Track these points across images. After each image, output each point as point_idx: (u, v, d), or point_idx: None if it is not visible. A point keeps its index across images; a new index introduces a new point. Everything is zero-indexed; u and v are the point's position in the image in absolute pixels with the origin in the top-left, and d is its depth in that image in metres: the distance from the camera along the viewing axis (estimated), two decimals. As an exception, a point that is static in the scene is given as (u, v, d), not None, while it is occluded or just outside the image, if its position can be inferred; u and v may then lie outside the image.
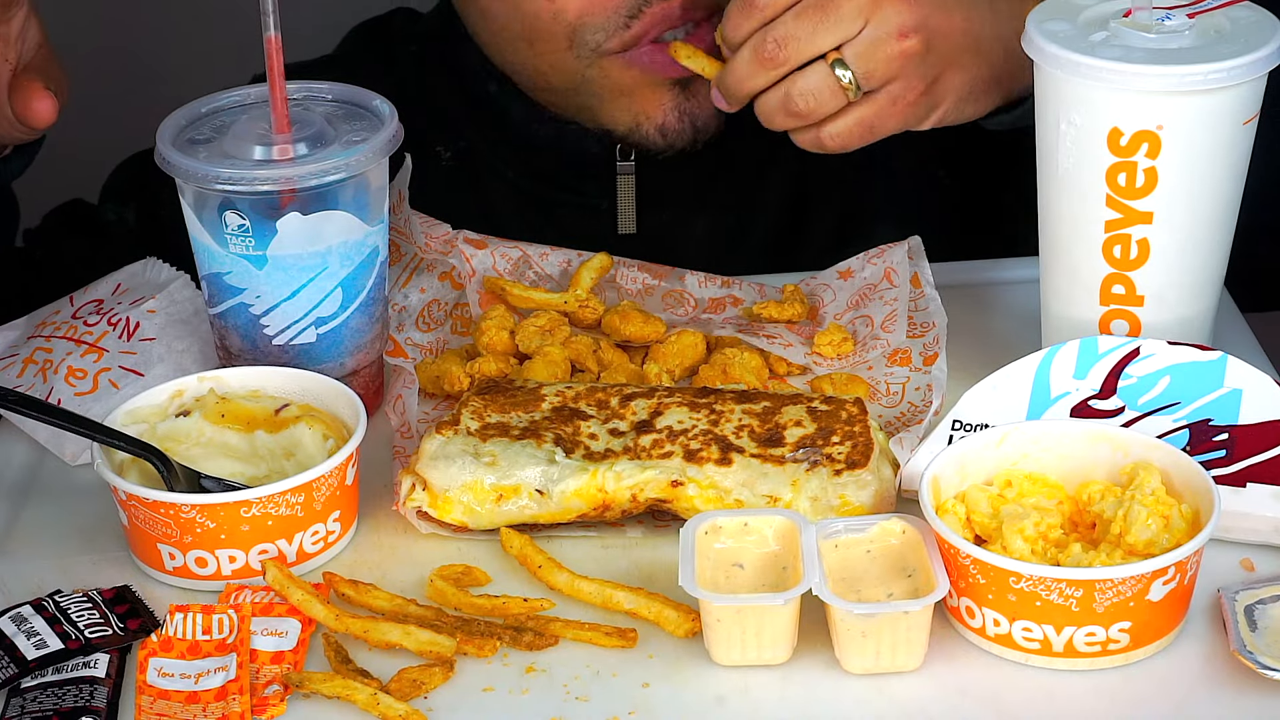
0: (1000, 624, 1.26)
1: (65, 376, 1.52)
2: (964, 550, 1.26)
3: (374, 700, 1.25)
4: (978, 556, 1.25)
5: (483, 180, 1.85)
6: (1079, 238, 1.45)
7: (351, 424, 1.40)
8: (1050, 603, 1.24)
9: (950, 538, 1.27)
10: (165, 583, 1.37)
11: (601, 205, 1.83)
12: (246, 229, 1.44)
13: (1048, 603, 1.24)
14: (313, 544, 1.37)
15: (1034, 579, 1.24)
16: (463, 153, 1.85)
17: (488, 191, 1.85)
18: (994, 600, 1.26)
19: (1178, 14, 1.41)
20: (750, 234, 1.85)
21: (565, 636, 1.31)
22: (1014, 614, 1.25)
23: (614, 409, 1.43)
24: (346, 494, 1.39)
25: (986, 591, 1.26)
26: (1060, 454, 1.35)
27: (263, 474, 1.42)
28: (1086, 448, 1.35)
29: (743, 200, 1.84)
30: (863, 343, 1.57)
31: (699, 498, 1.37)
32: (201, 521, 1.34)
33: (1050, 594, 1.24)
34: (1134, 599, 1.24)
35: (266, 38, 1.43)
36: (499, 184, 1.85)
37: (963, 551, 1.26)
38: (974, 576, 1.26)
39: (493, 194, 1.85)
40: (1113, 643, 1.25)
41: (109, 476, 1.36)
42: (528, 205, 1.85)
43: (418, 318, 1.62)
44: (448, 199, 1.75)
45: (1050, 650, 1.26)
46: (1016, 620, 1.25)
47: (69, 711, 1.25)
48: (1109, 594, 1.23)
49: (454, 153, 1.85)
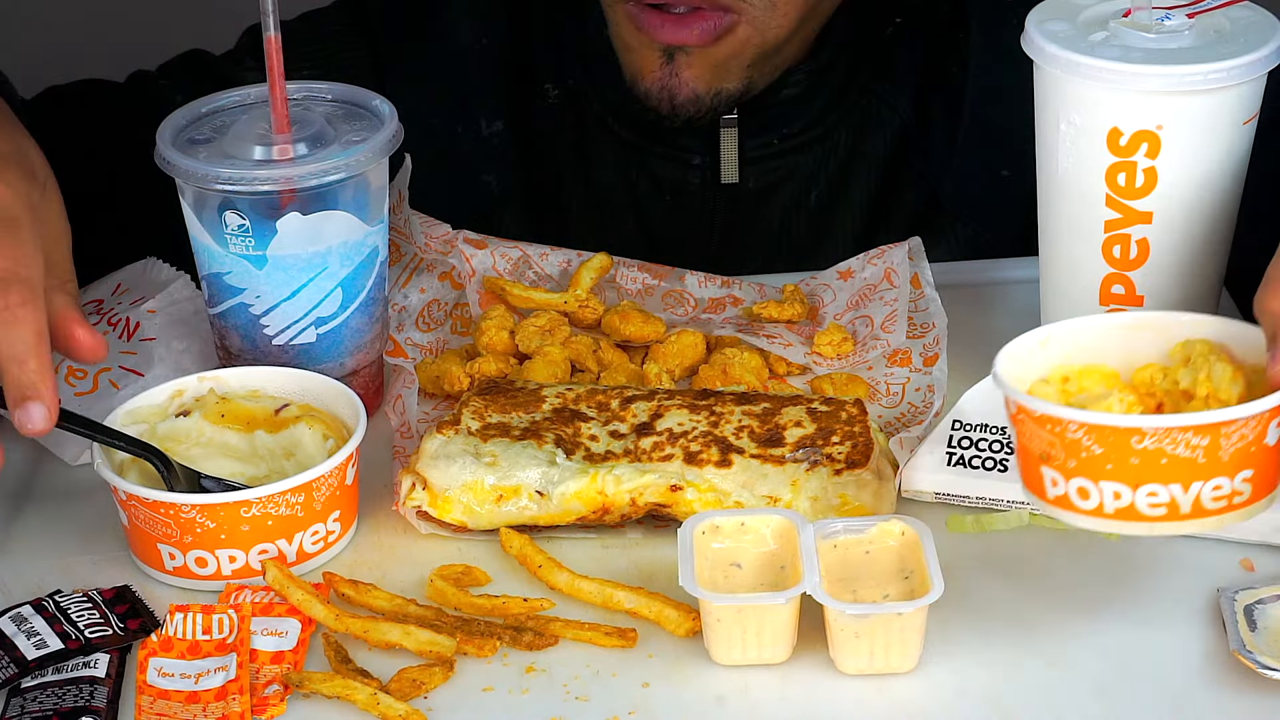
0: (1121, 495, 1.19)
1: (66, 377, 1.52)
2: (1078, 419, 1.18)
3: (374, 700, 1.25)
4: (1095, 422, 1.18)
5: (585, 122, 1.86)
6: (1079, 238, 1.45)
7: (351, 424, 1.40)
8: (1176, 458, 1.18)
9: (1060, 411, 1.19)
10: (165, 583, 1.37)
11: (693, 160, 1.83)
12: (246, 229, 1.44)
13: (1173, 458, 1.17)
14: (313, 544, 1.37)
15: (1159, 432, 1.17)
16: (570, 93, 1.86)
17: (587, 133, 1.86)
18: (1114, 470, 1.19)
19: (1177, 14, 1.41)
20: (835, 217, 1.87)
21: (565, 636, 1.31)
22: (1137, 480, 1.19)
23: (614, 411, 1.43)
24: (347, 494, 1.39)
25: (1105, 462, 1.18)
26: (1105, 347, 1.29)
27: (263, 474, 1.42)
28: (1129, 337, 1.29)
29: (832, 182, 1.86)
30: (863, 343, 1.57)
31: (698, 502, 1.37)
32: (202, 521, 1.34)
33: (1176, 447, 1.17)
34: (1254, 443, 1.18)
35: (266, 38, 1.43)
36: (600, 129, 1.85)
37: (1076, 421, 1.18)
38: (1089, 449, 1.19)
39: (591, 137, 1.86)
40: (1237, 494, 1.20)
41: (109, 476, 1.36)
42: (623, 150, 1.85)
43: (418, 318, 1.62)
44: (550, 138, 1.80)
45: (1178, 513, 1.19)
46: (1140, 486, 1.19)
47: (69, 711, 1.25)
48: (1234, 438, 1.18)
49: (561, 91, 1.86)
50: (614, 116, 1.84)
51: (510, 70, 1.86)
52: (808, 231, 1.85)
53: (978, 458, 1.40)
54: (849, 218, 1.85)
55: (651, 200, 1.85)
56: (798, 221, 1.85)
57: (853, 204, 1.84)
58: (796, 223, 1.85)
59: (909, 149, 1.83)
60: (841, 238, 1.84)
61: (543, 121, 1.85)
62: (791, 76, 1.79)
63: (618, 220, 1.86)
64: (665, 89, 1.74)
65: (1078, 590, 1.34)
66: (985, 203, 1.81)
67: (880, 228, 1.84)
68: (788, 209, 1.85)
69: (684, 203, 1.84)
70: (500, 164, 1.86)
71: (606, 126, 1.85)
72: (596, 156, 1.85)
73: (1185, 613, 1.31)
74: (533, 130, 1.85)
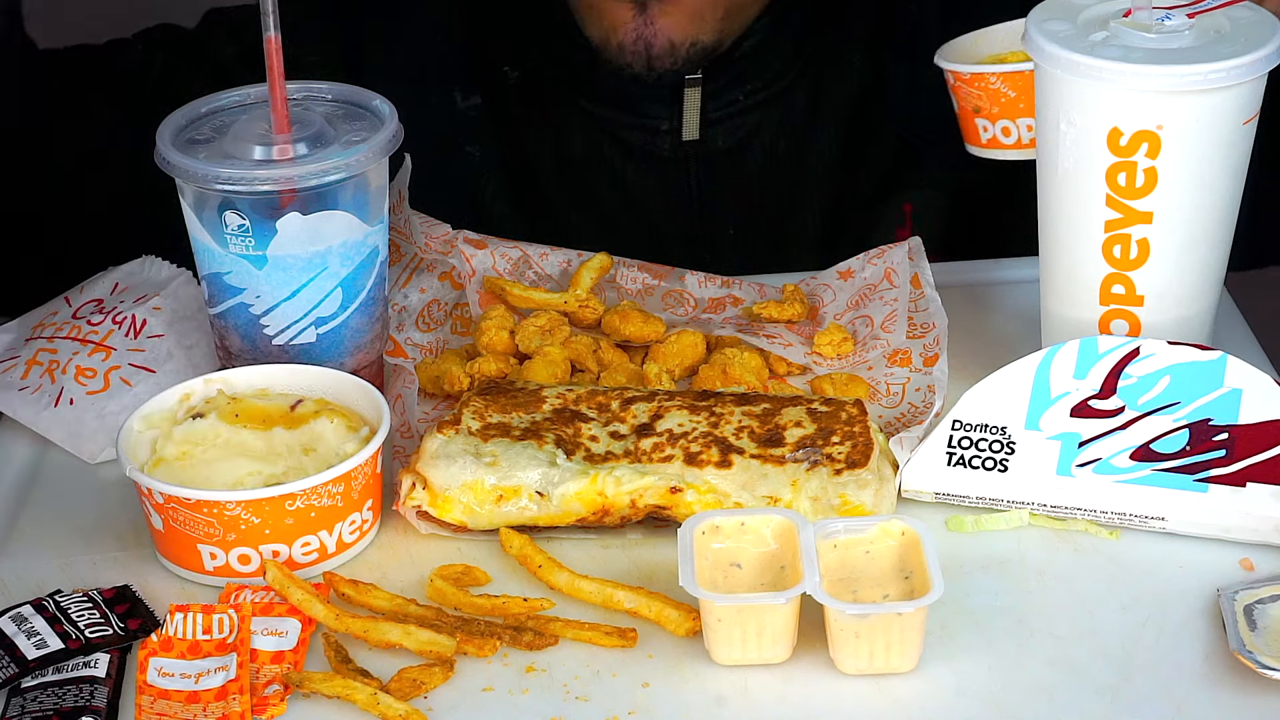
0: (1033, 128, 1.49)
1: (75, 376, 1.52)
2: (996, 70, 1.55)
3: (374, 700, 1.25)
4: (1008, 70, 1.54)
5: (549, 101, 1.86)
6: (1079, 238, 1.45)
7: (368, 414, 1.41)
8: None
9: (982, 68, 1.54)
10: (202, 583, 1.37)
11: (661, 125, 1.84)
12: (246, 229, 1.44)
13: None
14: (351, 534, 1.38)
15: None
16: (530, 73, 1.86)
17: (555, 112, 1.86)
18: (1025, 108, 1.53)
19: (1178, 14, 1.41)
20: None
21: (565, 636, 1.31)
22: None
23: (615, 412, 1.43)
24: (377, 482, 1.40)
25: (1019, 102, 1.52)
26: None
27: (280, 472, 1.40)
28: None
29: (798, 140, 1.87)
30: (863, 343, 1.57)
31: (698, 503, 1.37)
32: (247, 518, 1.34)
33: None
34: None
35: (266, 38, 1.43)
36: (565, 105, 1.86)
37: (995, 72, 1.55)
38: (1006, 94, 1.54)
39: (559, 114, 1.86)
40: None
41: (143, 479, 1.35)
42: (590, 122, 1.85)
43: (418, 318, 1.62)
44: (519, 119, 1.82)
45: None
46: None
47: (69, 711, 1.25)
48: None
49: (521, 73, 1.86)
50: (577, 90, 1.84)
51: (476, 48, 1.87)
52: (783, 188, 1.86)
53: (978, 458, 1.40)
54: (819, 173, 1.86)
55: (628, 170, 1.86)
56: (770, 177, 1.86)
57: (822, 157, 1.86)
58: (769, 178, 1.86)
59: (871, 104, 1.85)
60: (816, 193, 1.86)
61: (509, 99, 1.86)
62: (751, 27, 1.80)
63: (598, 192, 1.86)
64: (641, 39, 1.74)
65: (1078, 590, 1.34)
66: None
67: (849, 186, 1.85)
68: (758, 165, 1.86)
69: (657, 168, 1.85)
70: (482, 135, 1.86)
71: (571, 101, 1.85)
72: (566, 131, 1.86)
73: (1185, 613, 1.31)
74: (502, 106, 1.86)
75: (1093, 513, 1.39)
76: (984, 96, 1.55)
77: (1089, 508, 1.39)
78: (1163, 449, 1.38)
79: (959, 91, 1.59)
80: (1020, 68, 1.54)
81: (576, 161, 1.86)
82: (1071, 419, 1.39)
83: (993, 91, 1.55)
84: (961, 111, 1.59)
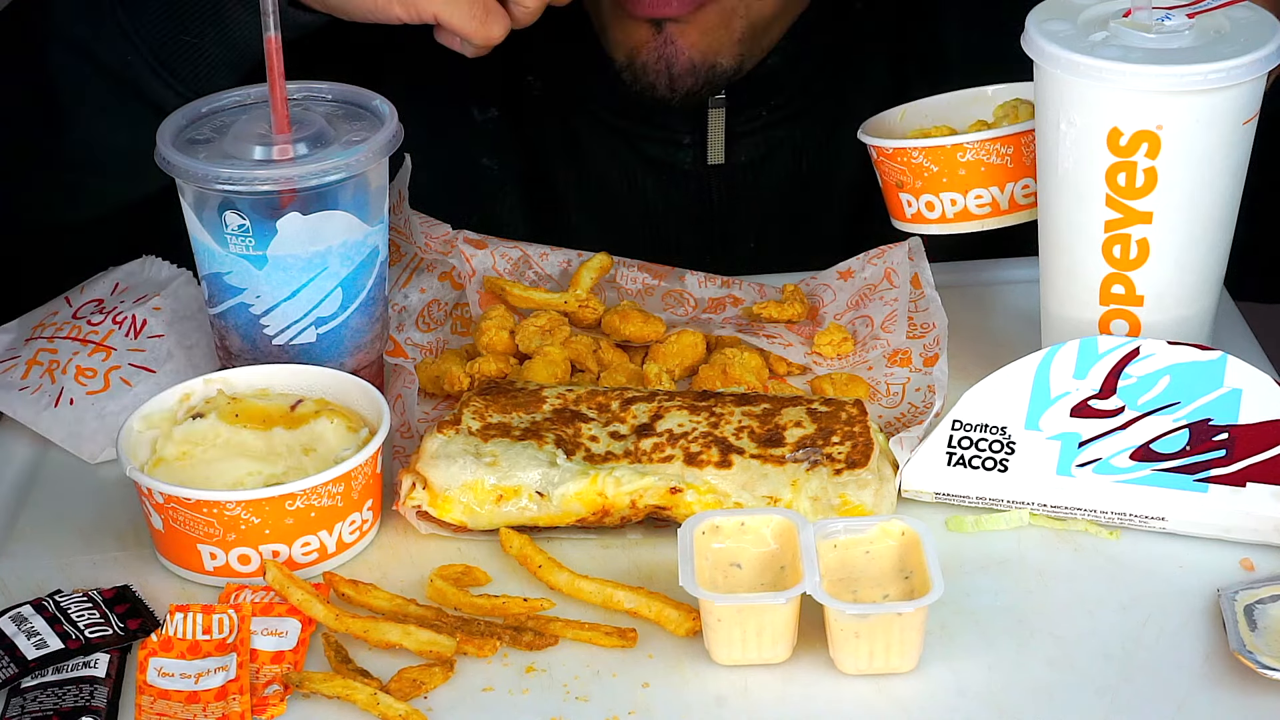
0: (957, 202, 1.53)
1: (75, 376, 1.52)
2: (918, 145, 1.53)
3: (374, 700, 1.25)
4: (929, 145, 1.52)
5: (571, 112, 1.86)
6: (1079, 238, 1.45)
7: (368, 413, 1.41)
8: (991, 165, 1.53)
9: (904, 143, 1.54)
10: (203, 583, 1.37)
11: (684, 140, 1.84)
12: (246, 229, 1.44)
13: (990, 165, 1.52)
14: (351, 534, 1.38)
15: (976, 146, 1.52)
16: (554, 84, 1.86)
17: (576, 123, 1.86)
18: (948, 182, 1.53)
19: (1177, 14, 1.41)
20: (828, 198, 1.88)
21: (565, 636, 1.31)
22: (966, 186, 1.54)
23: (615, 412, 1.43)
24: (376, 482, 1.40)
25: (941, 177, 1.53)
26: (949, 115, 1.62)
27: (280, 473, 1.40)
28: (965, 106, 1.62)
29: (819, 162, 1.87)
30: (863, 343, 1.57)
31: (697, 504, 1.37)
32: (247, 518, 1.34)
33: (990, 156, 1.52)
34: None
35: (266, 38, 1.43)
36: (587, 117, 1.86)
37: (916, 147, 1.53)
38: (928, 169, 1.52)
39: (581, 126, 1.86)
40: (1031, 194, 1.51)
41: (143, 479, 1.35)
42: (613, 136, 1.85)
43: (418, 318, 1.62)
44: (538, 132, 1.82)
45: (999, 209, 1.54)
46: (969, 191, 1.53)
47: (69, 711, 1.25)
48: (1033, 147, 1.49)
49: (545, 83, 1.86)
50: (600, 105, 1.84)
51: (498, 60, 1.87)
52: (805, 204, 1.86)
53: (978, 458, 1.40)
54: (840, 188, 1.86)
55: (647, 184, 1.86)
56: (794, 193, 1.86)
57: (844, 173, 1.86)
58: (793, 194, 1.86)
59: None
60: (836, 208, 1.86)
61: (529, 112, 1.86)
62: (774, 45, 1.81)
63: (616, 205, 1.86)
64: (662, 58, 1.75)
65: (1078, 590, 1.34)
66: None
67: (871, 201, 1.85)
68: (782, 181, 1.86)
69: (679, 182, 1.85)
70: (499, 148, 1.86)
71: (594, 115, 1.85)
72: (588, 145, 1.86)
73: (1185, 613, 1.31)
74: (523, 119, 1.86)
75: (1093, 513, 1.39)
76: (907, 171, 1.55)
77: (1089, 508, 1.39)
78: (1163, 449, 1.38)
79: (882, 167, 1.58)
80: (942, 142, 1.54)
81: (595, 174, 1.86)
82: (1071, 419, 1.40)
83: (915, 166, 1.54)
84: (885, 186, 1.59)
